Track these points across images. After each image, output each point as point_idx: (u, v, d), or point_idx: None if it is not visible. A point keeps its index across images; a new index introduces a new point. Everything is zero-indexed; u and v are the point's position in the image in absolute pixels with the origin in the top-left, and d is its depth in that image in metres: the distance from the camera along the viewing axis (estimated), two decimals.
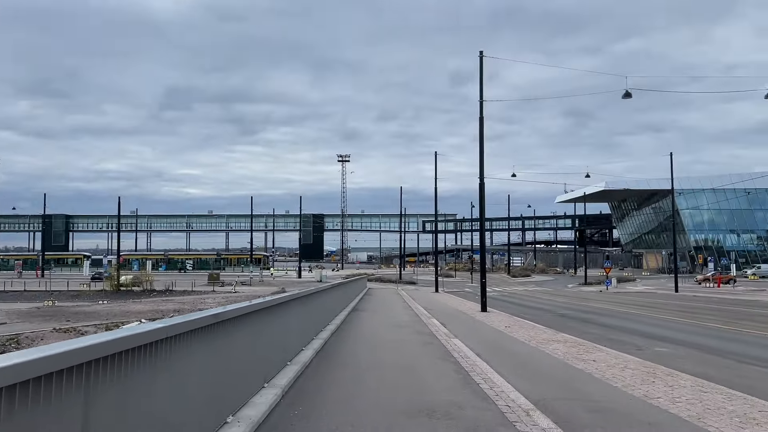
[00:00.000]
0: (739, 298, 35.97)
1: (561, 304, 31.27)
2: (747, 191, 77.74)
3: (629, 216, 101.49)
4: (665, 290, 47.01)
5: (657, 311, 25.54)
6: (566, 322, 20.41)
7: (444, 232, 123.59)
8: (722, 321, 20.22)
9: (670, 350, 13.24)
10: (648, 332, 17.02)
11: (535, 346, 12.92)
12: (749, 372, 10.37)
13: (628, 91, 24.75)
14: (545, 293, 45.34)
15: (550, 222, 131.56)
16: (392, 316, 20.70)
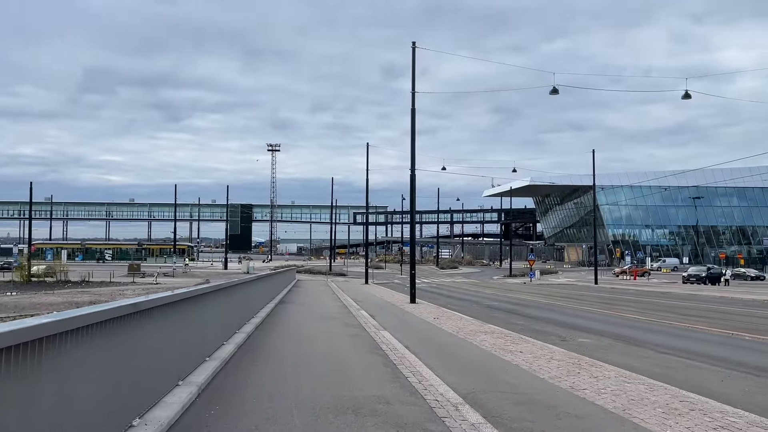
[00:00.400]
0: (653, 290, 37.77)
1: (487, 296, 31.79)
2: (662, 188, 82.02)
3: (552, 211, 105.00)
4: (585, 282, 48.83)
5: (579, 302, 26.34)
6: (493, 313, 20.66)
7: (375, 224, 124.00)
8: (640, 312, 21.03)
9: (593, 341, 13.53)
10: (571, 323, 17.42)
11: (463, 338, 12.89)
12: (668, 362, 10.67)
13: (555, 87, 25.29)
14: (472, 285, 46.10)
15: (477, 215, 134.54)
16: (321, 308, 20.32)
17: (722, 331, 15.10)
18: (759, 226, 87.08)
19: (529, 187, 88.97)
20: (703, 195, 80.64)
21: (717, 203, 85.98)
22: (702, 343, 13.24)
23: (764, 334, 14.31)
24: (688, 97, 26.21)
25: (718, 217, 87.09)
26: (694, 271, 48.58)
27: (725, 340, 13.63)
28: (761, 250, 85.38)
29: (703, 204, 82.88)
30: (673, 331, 15.59)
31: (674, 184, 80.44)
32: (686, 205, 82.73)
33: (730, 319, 18.71)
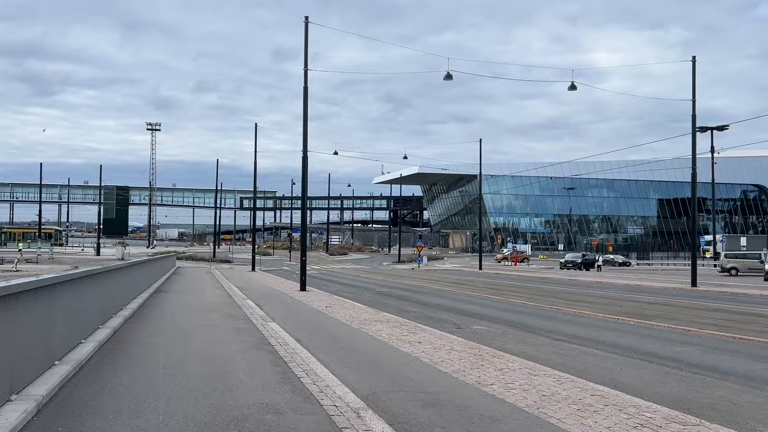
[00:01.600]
0: (535, 276, 39.26)
1: (379, 282, 31.41)
2: (540, 179, 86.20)
3: (439, 198, 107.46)
4: (470, 268, 50.06)
5: (467, 288, 26.55)
6: (385, 300, 20.15)
7: (263, 210, 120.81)
8: (527, 298, 21.38)
9: (487, 328, 13.27)
10: (463, 309, 17.24)
11: (358, 328, 12.13)
12: (564, 349, 10.51)
13: (449, 72, 25.13)
14: (362, 271, 45.74)
15: (367, 202, 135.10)
16: (202, 298, 18.79)
17: (608, 316, 15.46)
18: (625, 215, 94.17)
19: (418, 175, 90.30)
20: (576, 186, 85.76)
21: (589, 194, 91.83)
22: (591, 328, 13.38)
23: (648, 318, 14.78)
24: (574, 88, 27.13)
25: (590, 207, 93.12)
26: (570, 257, 51.28)
27: (612, 325, 13.89)
28: (626, 237, 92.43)
29: (577, 194, 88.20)
30: (562, 316, 15.78)
31: (551, 175, 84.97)
32: (561, 195, 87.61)
33: (612, 303, 19.41)
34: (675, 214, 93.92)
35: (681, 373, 8.48)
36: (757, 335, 11.64)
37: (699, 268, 54.52)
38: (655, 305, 18.89)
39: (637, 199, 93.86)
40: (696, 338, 11.75)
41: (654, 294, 24.14)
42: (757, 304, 19.69)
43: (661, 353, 10.06)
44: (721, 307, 18.27)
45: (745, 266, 41.26)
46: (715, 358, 9.59)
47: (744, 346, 10.63)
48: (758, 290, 24.60)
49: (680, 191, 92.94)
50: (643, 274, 42.97)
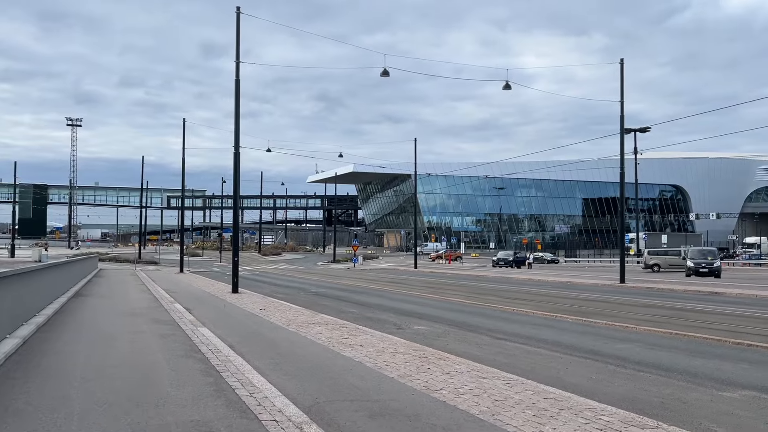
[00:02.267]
0: (469, 274, 39.60)
1: (314, 282, 30.74)
2: (472, 178, 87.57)
3: (373, 198, 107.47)
4: (406, 267, 50.07)
5: (404, 287, 26.32)
6: (322, 301, 19.59)
7: (191, 209, 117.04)
8: (465, 296, 21.32)
9: (429, 328, 12.98)
10: (402, 309, 16.92)
11: (296, 331, 11.56)
12: (508, 348, 10.32)
13: (386, 69, 24.80)
14: (297, 271, 44.86)
15: (301, 201, 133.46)
16: (125, 302, 17.63)
17: (546, 313, 15.50)
18: (552, 214, 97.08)
19: (353, 174, 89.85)
20: (506, 186, 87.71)
21: (518, 194, 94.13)
22: (532, 326, 13.31)
23: (585, 315, 14.89)
24: (508, 87, 27.41)
25: (519, 206, 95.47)
26: (502, 255, 52.20)
27: (552, 323, 13.89)
28: (553, 236, 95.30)
29: (506, 194, 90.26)
30: (501, 314, 15.71)
31: (482, 175, 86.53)
32: (492, 194, 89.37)
33: (548, 301, 19.59)
34: (599, 213, 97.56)
35: (626, 371, 8.41)
36: (692, 330, 11.85)
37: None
38: (590, 302, 19.21)
39: (564, 198, 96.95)
40: (634, 335, 11.85)
41: (586, 291, 24.66)
42: (683, 299, 20.39)
43: (603, 351, 10.02)
44: (652, 303, 18.77)
45: (667, 262, 43.20)
46: (656, 354, 9.62)
47: (681, 342, 10.76)
48: (682, 286, 25.57)
49: (604, 191, 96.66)
50: (572, 271, 44.19)
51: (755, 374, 8.10)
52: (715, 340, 10.64)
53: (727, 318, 14.41)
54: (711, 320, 13.87)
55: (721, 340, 10.57)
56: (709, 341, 10.66)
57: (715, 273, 31.78)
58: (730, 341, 10.45)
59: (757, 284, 27.33)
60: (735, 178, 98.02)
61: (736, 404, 6.57)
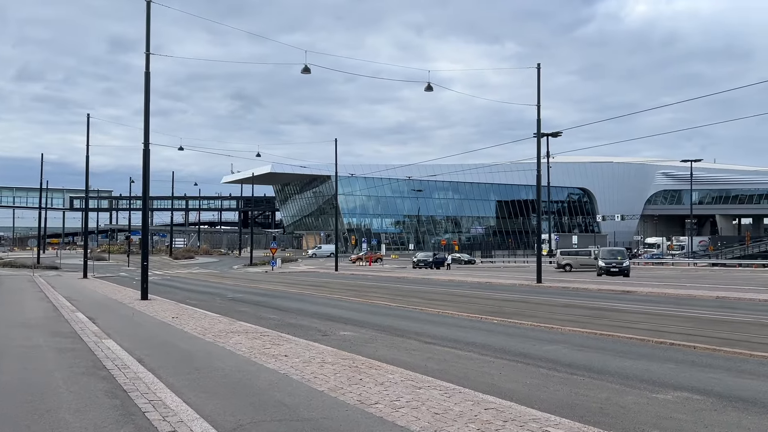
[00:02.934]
0: (391, 275, 39.46)
1: (230, 287, 29.53)
2: (391, 180, 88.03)
3: (292, 199, 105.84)
4: (326, 270, 49.35)
5: (326, 290, 25.70)
6: (240, 307, 18.68)
7: (97, 210, 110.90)
8: (389, 298, 20.98)
9: (355, 333, 12.50)
10: (326, 314, 16.35)
11: (213, 341, 10.75)
12: (438, 353, 10.00)
13: (306, 66, 24.12)
14: (211, 275, 43.14)
15: (215, 203, 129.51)
16: (19, 312, 16.03)
17: (471, 315, 15.40)
18: (468, 216, 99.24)
19: (271, 174, 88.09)
20: (424, 188, 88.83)
21: (436, 196, 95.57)
22: (458, 329, 13.12)
23: (509, 316, 14.89)
24: (430, 89, 27.43)
25: (437, 208, 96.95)
26: (422, 256, 52.55)
27: (478, 325, 13.76)
28: (469, 237, 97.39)
29: (425, 196, 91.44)
30: (427, 317, 15.46)
31: (401, 177, 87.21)
32: (411, 196, 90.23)
33: (471, 302, 19.58)
34: (512, 215, 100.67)
35: (559, 374, 8.27)
36: (616, 330, 12.02)
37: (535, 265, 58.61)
38: (511, 302, 19.38)
39: (479, 200, 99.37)
40: (560, 336, 11.88)
41: (505, 291, 25.00)
42: (599, 298, 20.99)
43: (533, 353, 9.91)
44: (571, 302, 19.17)
45: (578, 262, 44.86)
46: (586, 356, 9.60)
47: (607, 342, 10.85)
48: (595, 285, 26.44)
49: (516, 193, 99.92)
50: (490, 272, 45.06)
51: (682, 374, 8.16)
52: (639, 340, 10.80)
53: (644, 317, 14.83)
54: (630, 319, 14.21)
55: (645, 340, 10.73)
56: (633, 341, 10.80)
57: (625, 272, 33.25)
58: (653, 341, 10.62)
59: (663, 282, 28.74)
60: (637, 182, 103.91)
61: (672, 407, 6.51)
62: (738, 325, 12.98)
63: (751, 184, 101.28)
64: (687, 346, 9.99)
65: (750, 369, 8.38)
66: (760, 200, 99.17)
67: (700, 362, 8.84)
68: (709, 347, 9.71)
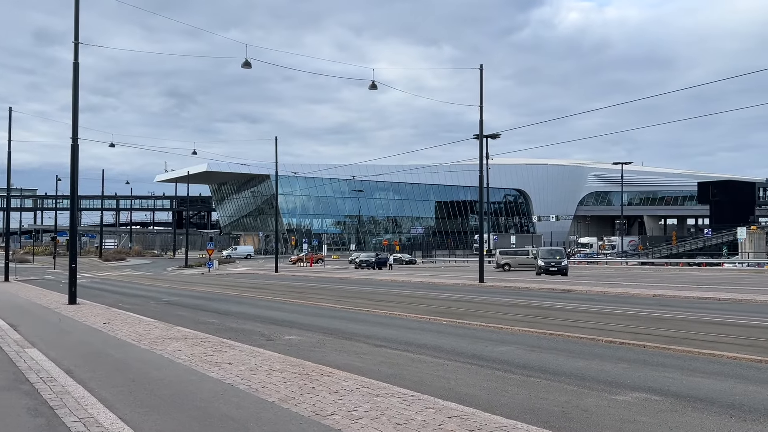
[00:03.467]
0: (333, 276, 38.91)
1: (165, 290, 28.31)
2: (332, 180, 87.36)
3: (229, 199, 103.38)
4: (266, 271, 48.31)
5: (268, 293, 24.97)
6: (177, 311, 17.82)
7: (20, 210, 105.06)
8: (334, 300, 20.51)
9: (301, 337, 12.02)
10: (269, 317, 15.75)
11: (149, 348, 10.05)
12: (390, 357, 9.68)
13: (247, 60, 23.35)
14: (145, 278, 41.40)
15: (147, 202, 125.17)
16: None
17: (419, 316, 15.15)
18: (408, 216, 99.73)
19: (207, 173, 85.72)
20: (365, 189, 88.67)
21: (377, 196, 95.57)
22: (408, 330, 12.84)
23: (458, 317, 14.72)
24: (375, 87, 27.14)
25: (378, 209, 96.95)
26: (364, 257, 52.23)
27: (427, 326, 13.52)
28: (410, 237, 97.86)
29: (365, 197, 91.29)
30: (374, 319, 15.11)
31: (342, 177, 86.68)
32: (352, 197, 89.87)
33: (418, 302, 19.37)
34: (451, 215, 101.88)
35: (515, 376, 8.09)
36: (565, 330, 12.01)
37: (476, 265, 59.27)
38: (458, 302, 19.28)
39: (419, 201, 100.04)
40: (510, 336, 11.77)
41: (450, 290, 24.97)
42: (543, 297, 21.19)
43: (486, 354, 9.72)
44: (516, 302, 19.24)
45: (517, 262, 45.63)
46: (539, 357, 9.48)
47: (559, 342, 10.79)
48: (536, 284, 26.80)
49: (455, 194, 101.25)
50: (432, 272, 45.21)
51: (636, 374, 8.12)
52: (589, 339, 10.80)
53: (589, 315, 14.98)
54: (576, 318, 14.31)
55: (595, 339, 10.74)
56: (583, 341, 10.80)
57: (563, 271, 33.95)
58: (602, 340, 10.64)
59: (600, 281, 29.48)
60: (570, 184, 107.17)
61: (634, 409, 6.40)
62: (680, 323, 13.27)
63: (675, 186, 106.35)
64: (637, 345, 10.04)
65: (700, 368, 8.44)
66: (684, 201, 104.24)
67: (652, 361, 8.86)
68: (658, 346, 9.78)
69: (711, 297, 19.24)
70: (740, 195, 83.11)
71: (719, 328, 12.32)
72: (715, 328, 12.31)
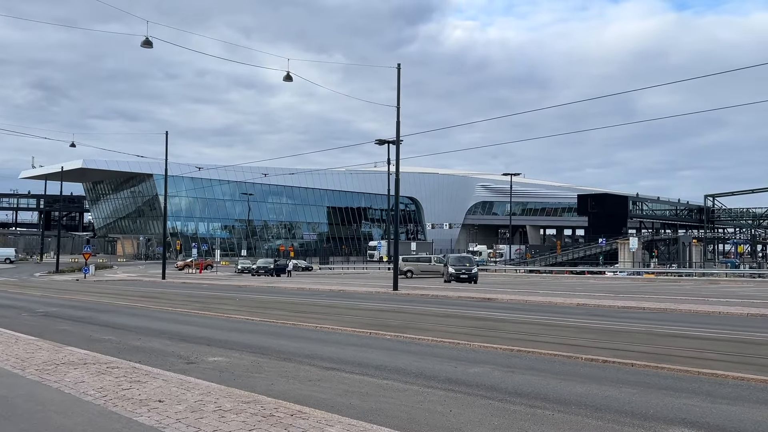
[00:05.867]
0: (230, 284, 36.12)
1: (39, 299, 24.55)
2: (221, 182, 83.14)
3: (105, 199, 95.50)
4: (151, 278, 44.34)
5: (164, 302, 22.19)
6: (58, 325, 15.01)
7: None
8: (245, 311, 18.31)
9: (229, 359, 10.07)
10: (177, 332, 13.47)
11: (39, 379, 7.75)
12: (353, 384, 8.04)
13: (147, 38, 20.64)
14: (10, 284, 36.29)
15: (9, 201, 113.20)
16: None
17: (357, 330, 13.54)
18: (302, 221, 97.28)
19: (82, 170, 78.44)
20: (256, 192, 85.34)
21: (269, 200, 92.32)
22: (354, 348, 11.21)
23: (401, 330, 13.25)
24: (290, 79, 25.26)
25: (269, 213, 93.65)
26: (262, 263, 49.55)
27: (371, 342, 11.95)
28: (303, 243, 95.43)
29: (257, 200, 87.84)
30: (304, 334, 13.27)
31: (230, 179, 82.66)
32: (242, 200, 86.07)
33: (341, 313, 17.71)
34: (345, 222, 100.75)
35: (518, 408, 6.79)
36: (527, 345, 10.96)
37: (375, 271, 58.42)
38: (387, 313, 17.82)
39: (312, 206, 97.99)
40: (473, 353, 10.49)
41: (368, 299, 23.50)
42: (466, 306, 20.24)
43: (462, 378, 8.38)
44: (448, 312, 18.07)
45: (419, 269, 45.10)
46: (525, 380, 8.24)
47: (533, 361, 9.64)
48: (452, 292, 25.99)
49: (349, 200, 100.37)
50: (334, 278, 43.53)
51: (654, 401, 7.08)
52: (566, 357, 9.76)
53: (540, 328, 14.02)
54: (530, 331, 13.32)
55: (572, 357, 9.71)
56: (559, 358, 9.73)
57: (474, 279, 33.61)
58: (582, 357, 9.63)
59: (510, 289, 29.31)
60: (459, 193, 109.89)
61: None
62: (637, 336, 12.65)
63: (554, 198, 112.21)
64: (623, 363, 9.11)
65: (715, 391, 7.56)
66: (562, 213, 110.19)
67: (659, 384, 7.90)
68: (649, 365, 8.89)
69: (634, 306, 19.23)
70: (615, 208, 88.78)
71: (689, 342, 11.77)
72: (684, 342, 11.75)
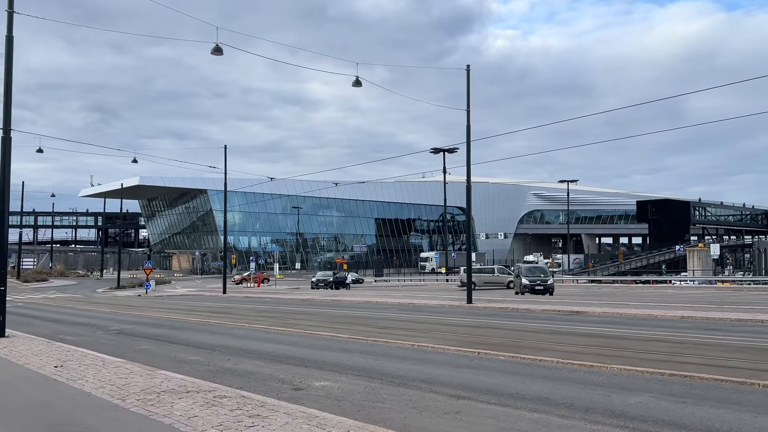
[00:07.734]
0: (293, 297, 35.39)
1: (108, 316, 24.18)
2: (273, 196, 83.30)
3: (159, 215, 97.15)
4: (211, 292, 44.12)
5: (238, 319, 21.35)
6: (138, 344, 14.27)
7: None
8: (327, 327, 17.23)
9: (337, 383, 9.00)
10: (265, 351, 12.52)
11: (146, 413, 6.82)
12: (499, 417, 6.82)
13: (218, 45, 20.06)
14: (76, 301, 36.48)
15: (69, 219, 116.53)
16: None
17: (461, 349, 12.27)
18: (352, 234, 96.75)
19: (138, 187, 79.74)
20: (306, 206, 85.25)
21: (319, 213, 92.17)
22: (467, 370, 10.00)
23: (516, 350, 11.95)
24: (359, 84, 24.58)
25: (320, 226, 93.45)
26: (321, 276, 48.81)
27: (484, 363, 10.70)
28: (352, 255, 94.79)
29: (307, 213, 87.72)
30: (404, 353, 12.10)
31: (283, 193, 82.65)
32: (292, 213, 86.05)
33: (432, 329, 16.47)
34: (395, 233, 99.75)
35: None
36: (674, 367, 9.50)
37: (433, 283, 56.96)
38: (481, 329, 16.48)
39: (362, 218, 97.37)
40: (615, 378, 9.13)
41: (445, 313, 22.22)
42: (557, 321, 18.73)
43: (627, 411, 7.07)
44: (552, 328, 16.60)
45: (482, 280, 43.46)
46: (711, 414, 6.88)
47: (697, 388, 8.22)
48: (531, 305, 24.46)
49: (397, 212, 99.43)
50: (395, 291, 42.38)
51: None
52: (737, 383, 8.29)
53: (671, 346, 12.48)
54: (665, 350, 11.81)
55: (746, 382, 8.24)
56: (729, 384, 8.28)
57: (550, 290, 31.88)
58: (759, 383, 8.15)
59: (594, 300, 27.53)
60: (510, 202, 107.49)
61: None
62: None
63: (610, 205, 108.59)
64: None
65: None
66: (618, 220, 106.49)
67: None
68: None
69: (749, 319, 17.41)
70: (677, 214, 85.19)
71: None
72: None
